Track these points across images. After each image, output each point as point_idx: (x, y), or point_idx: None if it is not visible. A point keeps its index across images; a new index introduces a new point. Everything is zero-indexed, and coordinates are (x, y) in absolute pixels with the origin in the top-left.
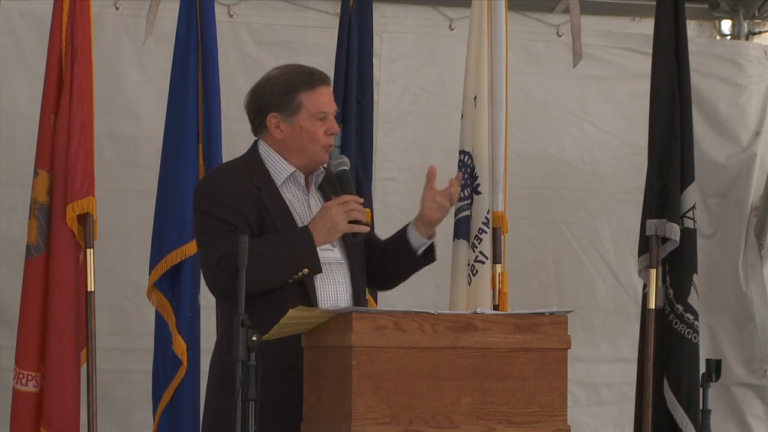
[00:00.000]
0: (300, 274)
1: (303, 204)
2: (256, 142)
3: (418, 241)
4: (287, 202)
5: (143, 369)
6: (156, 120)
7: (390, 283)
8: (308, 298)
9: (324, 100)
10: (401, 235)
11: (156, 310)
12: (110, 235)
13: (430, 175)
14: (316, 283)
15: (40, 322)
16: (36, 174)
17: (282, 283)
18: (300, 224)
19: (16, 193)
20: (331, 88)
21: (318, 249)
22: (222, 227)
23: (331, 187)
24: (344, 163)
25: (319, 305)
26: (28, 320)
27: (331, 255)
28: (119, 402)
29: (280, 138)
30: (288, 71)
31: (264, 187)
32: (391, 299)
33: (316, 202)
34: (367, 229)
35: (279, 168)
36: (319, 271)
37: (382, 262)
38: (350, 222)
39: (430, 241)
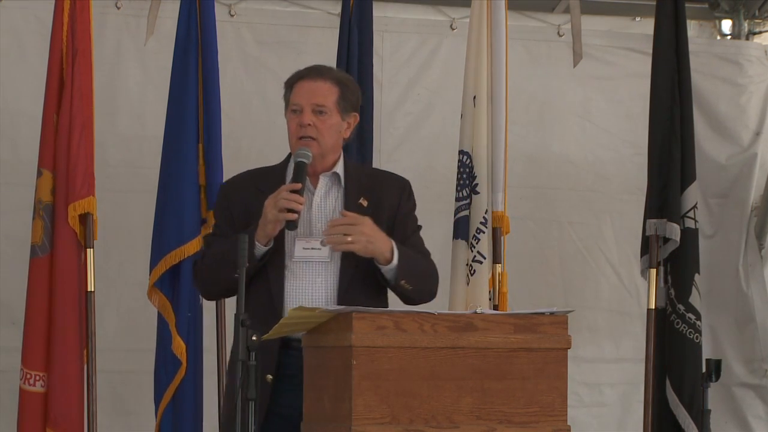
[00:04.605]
0: None
1: (306, 204)
2: None
3: (382, 269)
4: None
5: (150, 370)
6: (159, 120)
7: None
8: (271, 296)
9: (300, 92)
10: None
11: (158, 311)
12: (116, 235)
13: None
14: (286, 282)
15: (46, 322)
16: (40, 174)
17: (229, 277)
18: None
19: (20, 193)
20: (322, 81)
21: (301, 247)
22: (213, 231)
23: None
24: (302, 156)
25: (285, 304)
26: (34, 320)
27: (314, 254)
28: (128, 403)
29: None
30: None
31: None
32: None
33: (324, 202)
34: (294, 216)
35: (290, 170)
36: (256, 263)
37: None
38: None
39: (392, 267)
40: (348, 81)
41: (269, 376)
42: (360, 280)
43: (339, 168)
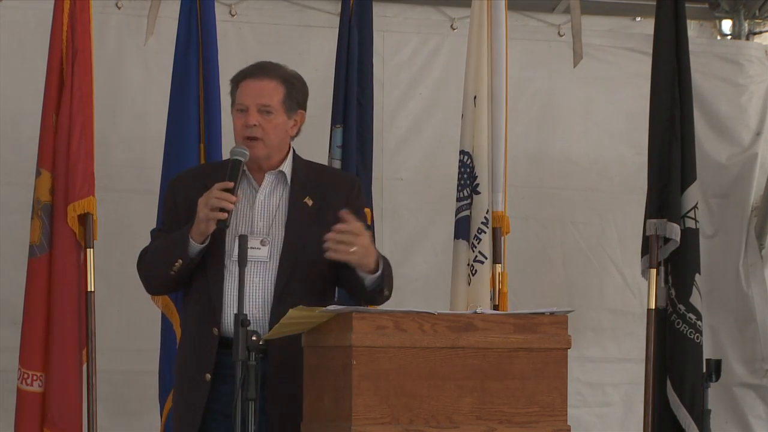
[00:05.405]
0: (177, 264)
1: (249, 202)
2: None
3: (365, 277)
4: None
5: (154, 370)
6: (161, 120)
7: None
8: (209, 295)
9: (245, 91)
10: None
11: (161, 312)
12: (118, 235)
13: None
14: (225, 282)
15: (44, 322)
16: (38, 174)
17: (165, 273)
18: (235, 222)
19: (20, 193)
20: (268, 80)
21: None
22: (159, 226)
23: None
24: (237, 153)
25: (224, 303)
26: (32, 320)
27: (254, 253)
28: (129, 404)
29: None
30: None
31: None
32: (402, 301)
33: (267, 201)
34: (223, 215)
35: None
36: (187, 261)
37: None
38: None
39: (375, 276)
40: (294, 79)
41: (208, 375)
42: (298, 280)
43: (286, 166)
